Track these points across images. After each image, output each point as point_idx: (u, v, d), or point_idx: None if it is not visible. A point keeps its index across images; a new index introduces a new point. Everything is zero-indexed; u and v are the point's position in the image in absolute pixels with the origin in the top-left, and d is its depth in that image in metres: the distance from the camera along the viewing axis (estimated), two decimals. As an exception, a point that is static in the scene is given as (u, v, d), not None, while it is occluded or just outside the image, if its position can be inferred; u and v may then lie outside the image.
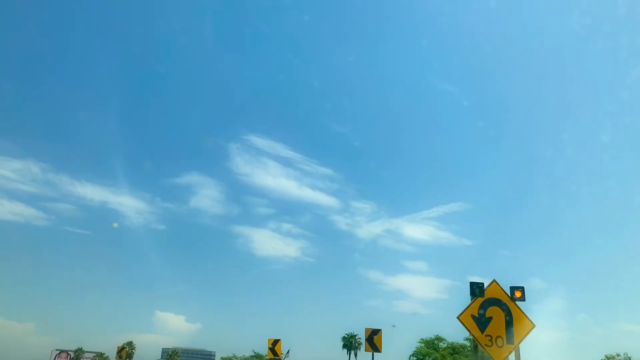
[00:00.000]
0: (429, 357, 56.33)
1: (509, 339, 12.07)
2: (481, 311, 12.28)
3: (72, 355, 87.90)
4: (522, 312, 12.24)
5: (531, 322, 12.16)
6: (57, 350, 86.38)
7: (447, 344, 57.69)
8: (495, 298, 12.41)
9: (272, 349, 23.77)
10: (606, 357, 59.80)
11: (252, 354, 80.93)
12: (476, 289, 12.38)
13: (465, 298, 12.46)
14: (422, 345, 58.05)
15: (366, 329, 18.93)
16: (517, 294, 12.33)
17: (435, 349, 57.23)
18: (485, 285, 12.51)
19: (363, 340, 18.92)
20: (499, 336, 12.08)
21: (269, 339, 24.19)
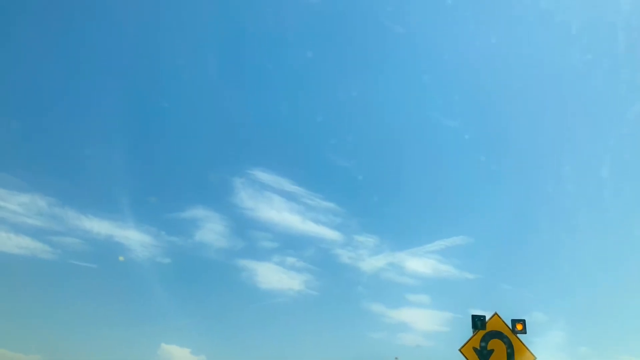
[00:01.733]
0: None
1: (511, 372, 12.17)
2: (483, 344, 12.40)
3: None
4: (524, 344, 12.35)
5: (532, 354, 12.26)
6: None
7: (452, 380, 56.72)
8: (496, 331, 12.54)
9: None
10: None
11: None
12: (478, 321, 12.50)
13: (467, 330, 12.57)
14: (427, 381, 57.09)
15: (370, 363, 18.93)
16: (519, 327, 12.45)
17: (441, 385, 56.27)
18: (487, 318, 12.66)
19: (366, 375, 18.87)
20: (500, 369, 12.19)
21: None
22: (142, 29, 43.67)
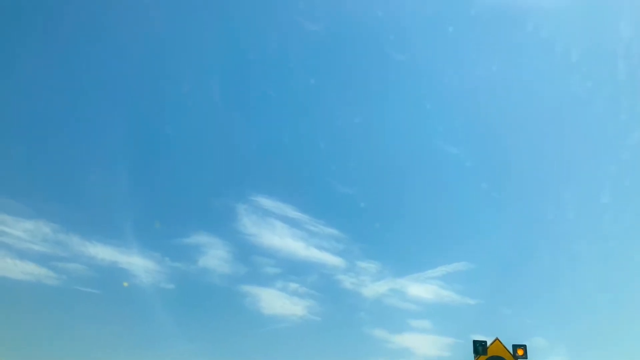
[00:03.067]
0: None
1: (513, 397, 12.34)
2: (484, 369, 12.60)
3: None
4: (525, 370, 12.54)
5: (533, 380, 12.44)
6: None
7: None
8: (497, 356, 12.72)
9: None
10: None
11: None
12: (479, 347, 12.72)
13: (469, 356, 12.76)
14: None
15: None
16: (520, 352, 12.65)
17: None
18: (488, 344, 12.85)
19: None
20: (502, 394, 12.36)
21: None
22: (146, 56, 44.55)
